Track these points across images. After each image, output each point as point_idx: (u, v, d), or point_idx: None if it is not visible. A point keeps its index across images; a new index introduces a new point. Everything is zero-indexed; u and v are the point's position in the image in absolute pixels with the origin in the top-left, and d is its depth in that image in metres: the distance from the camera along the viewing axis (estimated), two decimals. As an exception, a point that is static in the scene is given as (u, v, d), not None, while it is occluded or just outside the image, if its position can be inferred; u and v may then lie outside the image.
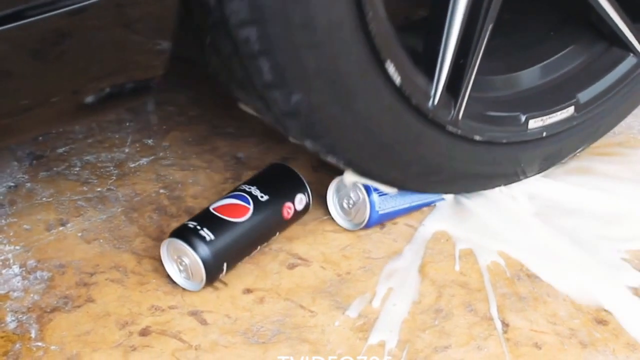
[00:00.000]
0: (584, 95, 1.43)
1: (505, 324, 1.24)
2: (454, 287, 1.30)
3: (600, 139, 1.53)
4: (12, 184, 1.46)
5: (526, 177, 1.46)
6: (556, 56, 1.46)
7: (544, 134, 1.40)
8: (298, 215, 1.35)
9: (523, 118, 1.37)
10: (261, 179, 1.33)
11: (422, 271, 1.32)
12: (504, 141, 1.36)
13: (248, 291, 1.28)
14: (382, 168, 1.32)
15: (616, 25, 1.42)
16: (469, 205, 1.43)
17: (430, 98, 1.25)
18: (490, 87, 1.40)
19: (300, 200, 1.33)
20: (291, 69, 1.14)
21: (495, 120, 1.36)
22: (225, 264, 1.24)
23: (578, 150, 1.50)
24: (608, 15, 1.40)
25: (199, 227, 1.24)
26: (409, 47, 1.24)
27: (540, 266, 1.33)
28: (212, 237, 1.23)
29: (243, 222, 1.26)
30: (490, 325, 1.23)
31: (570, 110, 1.42)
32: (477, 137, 1.33)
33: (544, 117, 1.39)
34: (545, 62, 1.45)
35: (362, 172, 1.34)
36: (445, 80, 1.26)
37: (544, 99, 1.41)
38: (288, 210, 1.32)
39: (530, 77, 1.44)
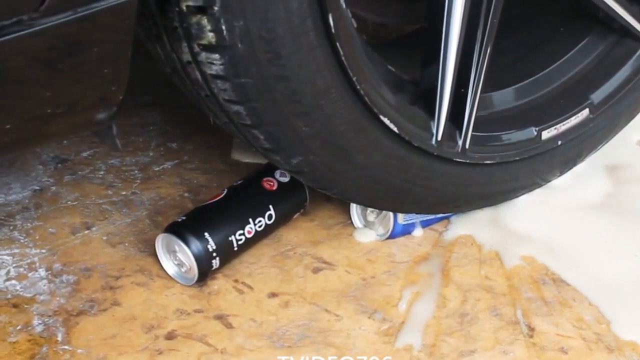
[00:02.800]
0: (597, 95, 1.38)
1: (530, 329, 1.23)
2: (479, 291, 1.29)
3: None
4: (37, 188, 1.47)
5: (548, 182, 1.44)
6: (565, 57, 1.41)
7: (559, 142, 1.35)
8: (288, 187, 1.35)
9: (535, 131, 1.32)
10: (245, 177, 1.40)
11: (447, 275, 1.32)
12: (518, 158, 1.33)
13: (273, 295, 1.28)
14: (398, 204, 1.31)
15: (624, 19, 1.36)
16: (493, 209, 1.42)
17: (433, 135, 1.22)
18: (495, 103, 1.35)
19: (282, 174, 1.36)
20: (285, 137, 1.13)
21: (505, 140, 1.31)
22: (207, 234, 1.26)
23: (599, 147, 1.46)
24: (614, 11, 1.34)
25: (174, 219, 1.32)
26: (409, 81, 1.22)
27: (565, 270, 1.33)
28: (184, 217, 1.30)
29: (214, 202, 1.32)
30: (516, 330, 1.23)
31: (585, 112, 1.37)
32: (489, 162, 1.30)
33: (558, 126, 1.34)
34: (553, 66, 1.40)
35: (378, 208, 1.35)
36: (447, 113, 1.22)
37: (555, 107, 1.36)
38: (269, 183, 1.35)
39: (538, 84, 1.38)
